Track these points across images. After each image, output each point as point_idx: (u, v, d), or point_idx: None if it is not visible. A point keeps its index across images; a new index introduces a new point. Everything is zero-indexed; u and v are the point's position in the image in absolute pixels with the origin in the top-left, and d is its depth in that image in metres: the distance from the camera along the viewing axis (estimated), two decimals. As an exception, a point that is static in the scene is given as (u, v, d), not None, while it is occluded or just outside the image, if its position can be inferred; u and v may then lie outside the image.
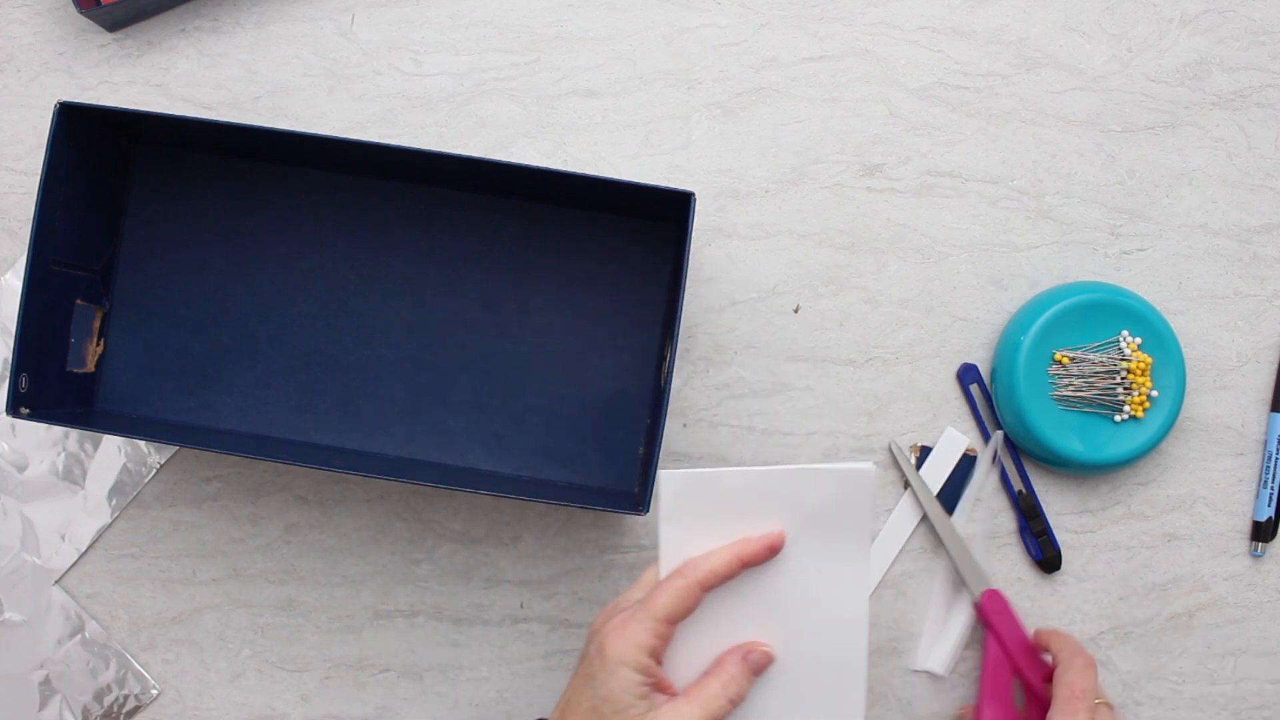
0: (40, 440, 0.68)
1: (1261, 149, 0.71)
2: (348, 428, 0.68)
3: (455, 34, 0.70)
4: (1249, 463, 0.71)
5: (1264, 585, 0.71)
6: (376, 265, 0.68)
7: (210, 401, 0.68)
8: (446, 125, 0.69)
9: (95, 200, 0.65)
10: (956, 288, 0.71)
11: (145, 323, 0.68)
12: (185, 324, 0.68)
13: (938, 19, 0.71)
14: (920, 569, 0.70)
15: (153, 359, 0.68)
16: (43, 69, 0.69)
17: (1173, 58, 0.71)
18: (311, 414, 0.68)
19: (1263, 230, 0.71)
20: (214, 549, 0.69)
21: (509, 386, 0.68)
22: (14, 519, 0.68)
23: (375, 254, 0.68)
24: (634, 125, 0.70)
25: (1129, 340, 0.68)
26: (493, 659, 0.69)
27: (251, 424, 0.68)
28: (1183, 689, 0.71)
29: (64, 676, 0.68)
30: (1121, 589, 0.71)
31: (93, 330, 0.67)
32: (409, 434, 0.68)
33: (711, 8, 0.70)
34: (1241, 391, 0.71)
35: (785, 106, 0.70)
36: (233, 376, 0.68)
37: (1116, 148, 0.71)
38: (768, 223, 0.70)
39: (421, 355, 0.68)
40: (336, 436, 0.68)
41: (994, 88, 0.71)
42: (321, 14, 0.69)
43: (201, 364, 0.68)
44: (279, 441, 0.67)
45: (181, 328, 0.68)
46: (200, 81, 0.69)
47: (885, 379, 0.70)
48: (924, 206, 0.70)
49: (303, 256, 0.68)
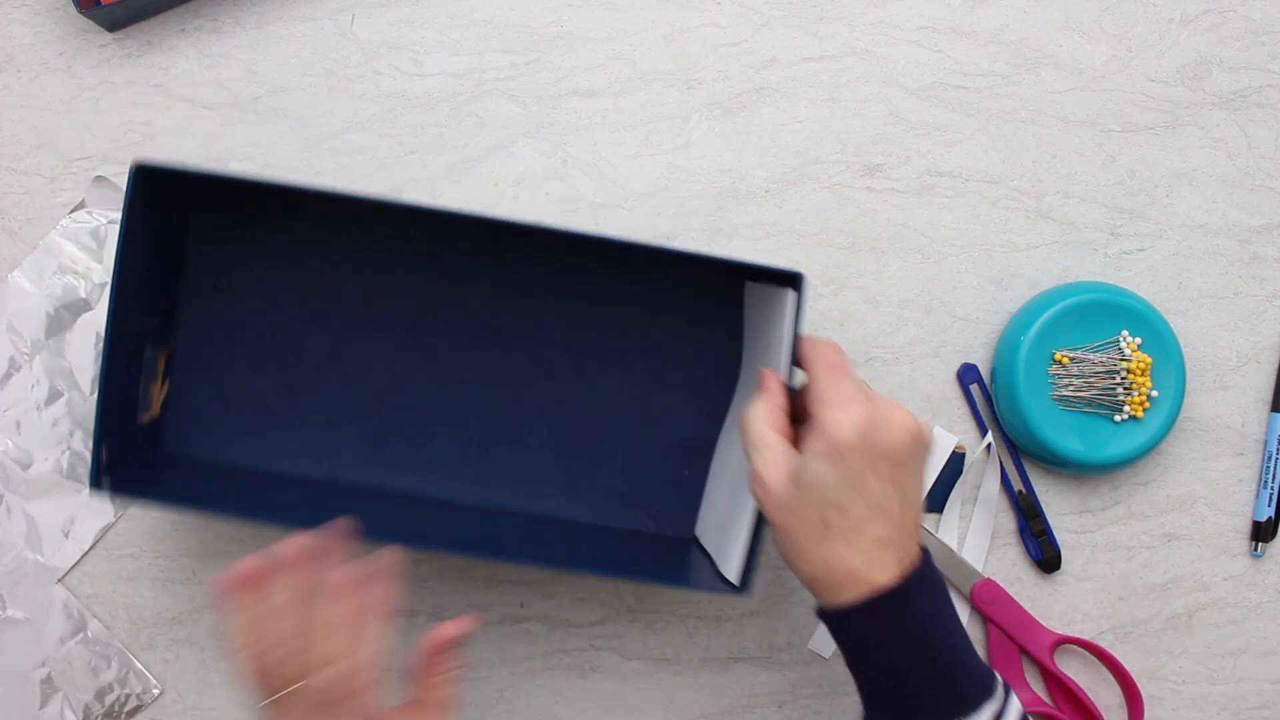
0: (44, 438, 0.69)
1: (1261, 149, 0.71)
2: (422, 471, 0.66)
3: (455, 34, 0.70)
4: (1249, 463, 0.71)
5: (1264, 585, 0.71)
6: (453, 306, 0.66)
7: (280, 442, 0.66)
8: (446, 125, 0.69)
9: (161, 247, 0.62)
10: (956, 288, 0.71)
11: (212, 362, 0.65)
12: (253, 363, 0.65)
13: (938, 19, 0.71)
14: (920, 569, 0.70)
15: (220, 399, 0.65)
16: (43, 69, 0.69)
17: (1173, 58, 0.71)
18: (384, 456, 0.66)
19: (1263, 230, 0.71)
20: (214, 549, 0.69)
21: (586, 430, 0.67)
22: (18, 517, 0.68)
23: (452, 294, 0.66)
24: (634, 125, 0.70)
25: (1129, 340, 0.68)
26: (493, 659, 0.69)
27: (322, 467, 0.66)
28: (1183, 689, 0.71)
29: (65, 675, 0.68)
30: (1121, 589, 0.71)
31: (157, 371, 0.64)
32: (484, 477, 0.66)
33: (711, 8, 0.70)
34: (1241, 391, 0.71)
35: (785, 106, 0.70)
36: (303, 418, 0.66)
37: (1116, 148, 0.71)
38: (768, 223, 0.70)
39: (498, 398, 0.66)
40: (410, 480, 0.66)
41: (994, 88, 0.71)
42: (321, 14, 0.69)
43: (270, 404, 0.65)
44: (351, 490, 0.65)
45: (250, 367, 0.65)
46: (200, 81, 0.69)
47: (885, 379, 0.70)
48: (924, 206, 0.70)
49: (377, 295, 0.65)
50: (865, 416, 0.50)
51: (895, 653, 0.51)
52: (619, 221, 0.69)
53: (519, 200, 0.69)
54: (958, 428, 0.70)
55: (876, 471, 0.50)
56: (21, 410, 0.68)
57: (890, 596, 0.50)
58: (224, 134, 0.69)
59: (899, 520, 0.51)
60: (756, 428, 0.54)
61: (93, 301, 0.69)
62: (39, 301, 0.68)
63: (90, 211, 0.69)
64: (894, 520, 0.51)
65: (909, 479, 0.51)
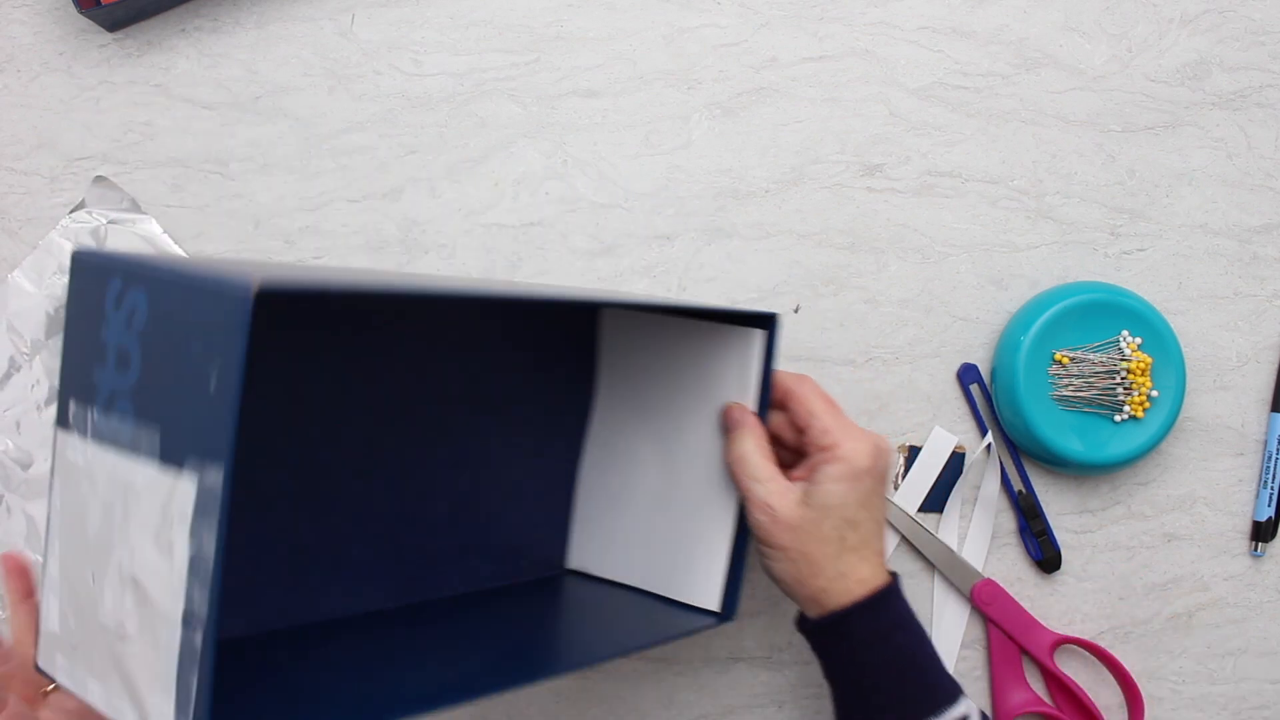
0: (44, 438, 0.69)
1: (1261, 149, 0.71)
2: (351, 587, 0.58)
3: (455, 34, 0.70)
4: (1249, 463, 0.71)
5: (1264, 585, 0.71)
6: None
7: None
8: (446, 125, 0.69)
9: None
10: (956, 288, 0.71)
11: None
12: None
13: (938, 19, 0.71)
14: (919, 568, 0.70)
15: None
16: (43, 69, 0.69)
17: (1173, 58, 0.71)
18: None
19: (1263, 230, 0.71)
20: (215, 548, 0.69)
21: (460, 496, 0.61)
22: (18, 517, 0.68)
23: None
24: (634, 125, 0.70)
25: (1129, 340, 0.68)
26: (493, 658, 0.69)
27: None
28: (1183, 689, 0.71)
29: (65, 675, 0.68)
30: (1121, 589, 0.71)
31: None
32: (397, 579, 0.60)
33: (711, 8, 0.70)
34: (1241, 391, 0.71)
35: (785, 106, 0.70)
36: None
37: (1116, 148, 0.71)
38: (768, 223, 0.70)
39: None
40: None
41: (994, 88, 0.71)
42: (321, 14, 0.69)
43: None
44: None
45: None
46: (200, 81, 0.69)
47: (885, 379, 0.70)
48: (924, 206, 0.70)
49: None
50: (874, 446, 0.57)
51: (887, 646, 0.56)
52: (619, 221, 0.69)
53: (519, 200, 0.69)
54: (958, 428, 0.70)
55: (879, 492, 0.58)
56: (21, 410, 0.68)
57: (888, 590, 0.56)
58: (224, 134, 0.69)
59: (882, 530, 0.59)
60: (755, 461, 0.58)
61: (93, 301, 0.69)
62: (39, 301, 0.68)
63: (90, 211, 0.69)
64: (883, 530, 0.59)
65: (883, 493, 0.59)
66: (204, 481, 0.40)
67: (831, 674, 0.58)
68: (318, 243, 0.69)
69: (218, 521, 0.40)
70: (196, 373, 0.40)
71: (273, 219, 0.69)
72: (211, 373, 0.40)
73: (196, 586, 0.41)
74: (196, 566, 0.41)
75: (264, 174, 0.69)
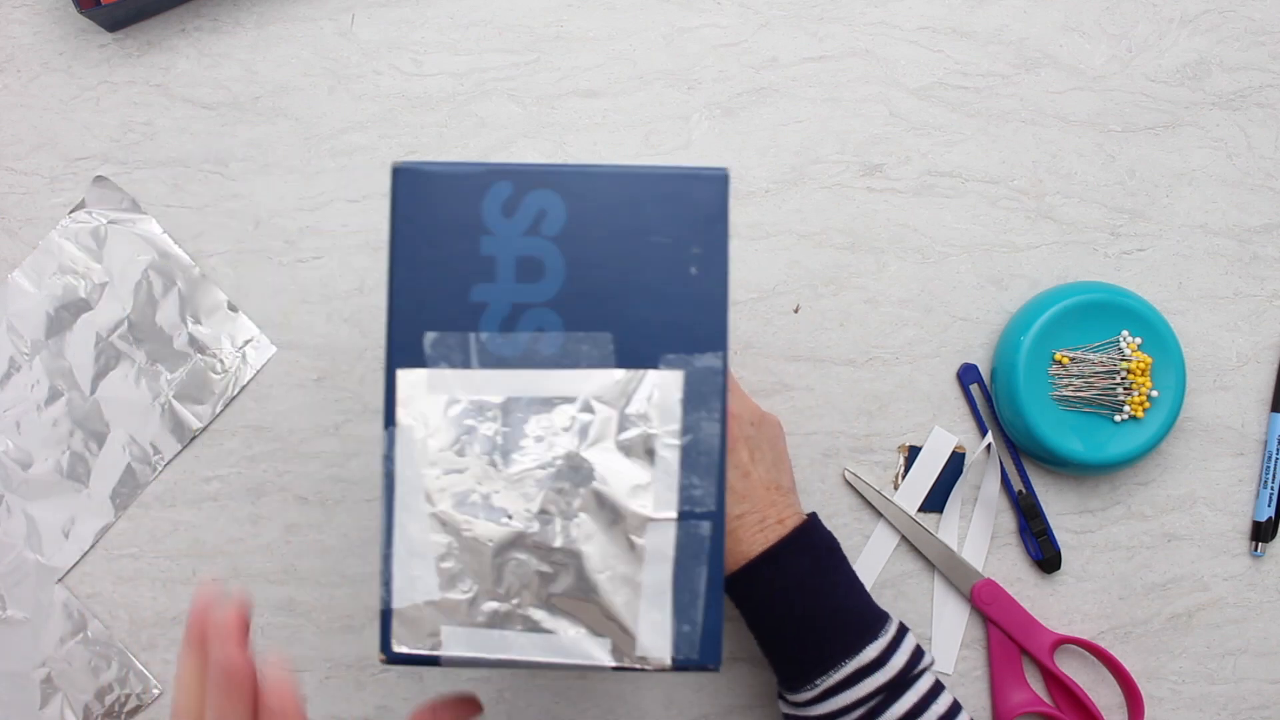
0: (44, 438, 0.69)
1: (1261, 149, 0.71)
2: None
3: (455, 34, 0.70)
4: (1249, 463, 0.71)
5: (1264, 585, 0.71)
6: None
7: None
8: (446, 125, 0.69)
9: None
10: (956, 288, 0.71)
11: None
12: None
13: (938, 19, 0.71)
14: (919, 568, 0.70)
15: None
16: (43, 69, 0.69)
17: (1173, 58, 0.71)
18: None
19: (1263, 230, 0.71)
20: (214, 549, 0.69)
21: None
22: (18, 517, 0.68)
23: None
24: (634, 125, 0.70)
25: (1129, 340, 0.68)
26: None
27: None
28: (1182, 689, 0.71)
29: (65, 675, 0.68)
30: (1121, 589, 0.71)
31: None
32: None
33: (711, 8, 0.70)
34: (1241, 391, 0.71)
35: (785, 106, 0.70)
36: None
37: (1116, 148, 0.71)
38: (768, 223, 0.70)
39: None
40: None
41: (994, 88, 0.71)
42: (321, 14, 0.69)
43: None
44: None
45: None
46: (200, 81, 0.69)
47: (885, 379, 0.70)
48: (924, 206, 0.70)
49: None
50: (756, 408, 0.61)
51: (822, 578, 0.58)
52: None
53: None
54: (958, 428, 0.70)
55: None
56: (21, 410, 0.68)
57: (809, 524, 0.58)
58: (224, 134, 0.69)
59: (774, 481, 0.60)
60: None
61: (93, 301, 0.69)
62: (39, 301, 0.68)
63: (90, 211, 0.69)
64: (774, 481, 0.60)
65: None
66: (693, 370, 0.40)
67: (755, 620, 0.59)
68: (318, 243, 0.69)
69: (719, 409, 0.39)
70: (667, 264, 0.40)
71: (273, 219, 0.69)
72: (690, 262, 0.39)
73: (695, 477, 0.40)
74: (692, 457, 0.40)
75: (264, 174, 0.69)
